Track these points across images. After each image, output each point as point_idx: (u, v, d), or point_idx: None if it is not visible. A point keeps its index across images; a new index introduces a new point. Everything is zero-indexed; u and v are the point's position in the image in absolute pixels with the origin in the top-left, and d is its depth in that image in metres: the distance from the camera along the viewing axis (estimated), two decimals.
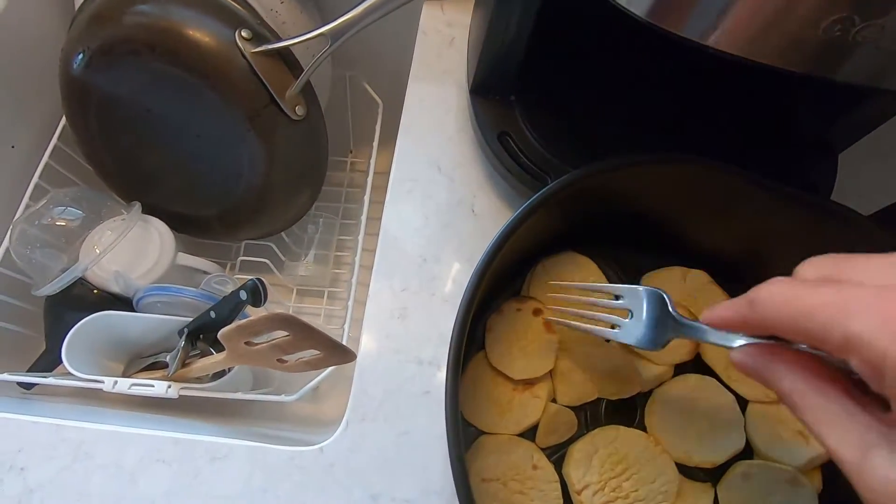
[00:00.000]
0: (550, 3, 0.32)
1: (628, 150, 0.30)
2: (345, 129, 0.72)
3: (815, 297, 0.16)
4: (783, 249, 0.33)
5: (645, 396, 0.33)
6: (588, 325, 0.28)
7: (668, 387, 0.33)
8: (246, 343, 0.38)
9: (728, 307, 0.19)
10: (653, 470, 0.31)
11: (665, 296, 0.25)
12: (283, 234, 0.65)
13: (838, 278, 0.17)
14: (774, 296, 0.17)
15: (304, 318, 0.38)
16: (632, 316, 0.26)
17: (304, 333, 0.35)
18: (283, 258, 0.65)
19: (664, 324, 0.24)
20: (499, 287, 0.35)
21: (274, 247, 0.64)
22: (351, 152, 0.76)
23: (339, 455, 0.33)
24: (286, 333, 0.36)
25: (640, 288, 0.26)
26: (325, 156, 0.58)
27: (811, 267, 0.18)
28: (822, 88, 0.41)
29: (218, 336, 0.38)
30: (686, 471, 0.32)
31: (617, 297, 0.27)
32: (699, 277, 0.36)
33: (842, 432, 0.16)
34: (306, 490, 0.32)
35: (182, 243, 0.61)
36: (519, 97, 0.40)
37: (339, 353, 0.36)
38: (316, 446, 0.33)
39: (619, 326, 0.26)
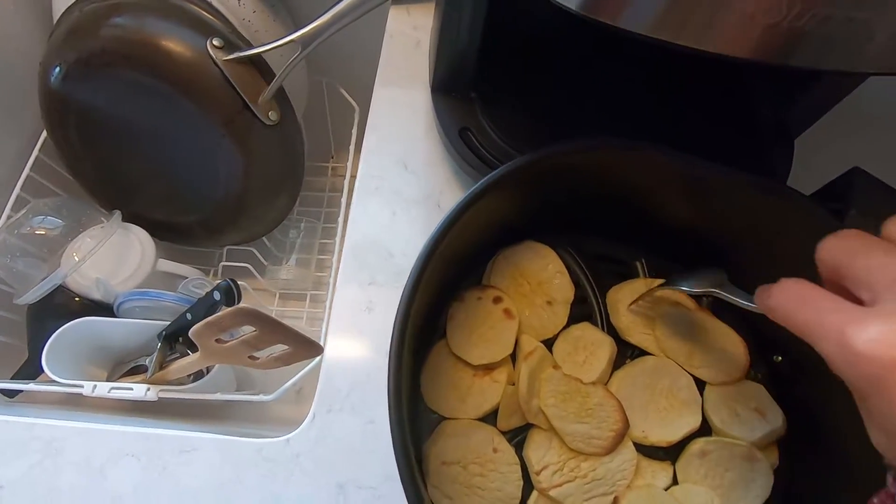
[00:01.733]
0: (499, 1, 0.34)
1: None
2: (325, 135, 0.74)
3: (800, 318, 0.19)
4: (738, 231, 0.34)
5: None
6: None
7: (627, 368, 0.34)
8: (217, 341, 0.39)
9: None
10: None
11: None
12: (264, 239, 0.66)
13: None
14: (777, 310, 0.20)
15: (286, 321, 0.39)
16: None
17: (269, 328, 0.35)
18: (265, 262, 0.66)
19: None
20: (460, 277, 0.36)
21: (256, 252, 0.64)
22: (332, 157, 0.78)
23: (306, 445, 0.33)
24: (254, 329, 0.37)
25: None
26: (302, 159, 0.59)
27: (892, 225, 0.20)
28: (777, 74, 0.42)
29: (189, 334, 0.38)
30: (644, 450, 0.32)
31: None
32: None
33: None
34: (273, 480, 0.32)
35: (165, 250, 0.62)
36: (479, 94, 0.41)
37: (307, 347, 0.37)
38: (282, 437, 0.34)
39: None
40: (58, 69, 0.51)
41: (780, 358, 0.35)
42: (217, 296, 0.45)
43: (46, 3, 0.56)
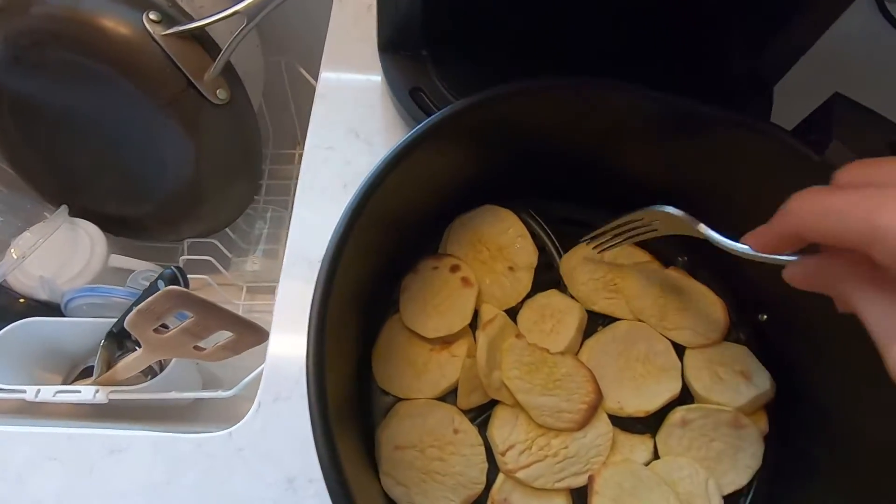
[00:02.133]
0: None
1: None
2: (289, 120, 0.70)
3: (844, 199, 0.17)
4: (713, 179, 0.31)
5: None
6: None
7: (598, 336, 0.31)
8: (156, 331, 0.36)
9: (766, 229, 0.20)
10: None
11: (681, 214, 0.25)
12: (228, 230, 0.63)
13: (869, 181, 0.18)
14: (806, 202, 0.18)
15: (254, 316, 0.35)
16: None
17: (206, 312, 0.32)
18: (229, 255, 0.63)
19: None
20: (416, 249, 0.33)
21: (218, 244, 0.61)
22: (299, 143, 0.74)
23: (250, 438, 0.30)
24: (192, 315, 0.34)
25: (656, 208, 0.27)
26: (258, 141, 0.56)
27: (845, 173, 0.19)
28: (749, 17, 0.39)
29: (124, 325, 0.35)
30: (621, 422, 0.29)
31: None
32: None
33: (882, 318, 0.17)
34: (213, 478, 0.29)
35: (123, 247, 0.59)
36: (431, 51, 0.38)
37: (251, 333, 0.34)
38: (224, 431, 0.30)
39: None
40: None
41: (765, 317, 0.32)
42: (162, 285, 0.41)
43: None
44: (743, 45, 0.40)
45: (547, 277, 0.33)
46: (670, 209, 0.26)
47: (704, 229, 0.24)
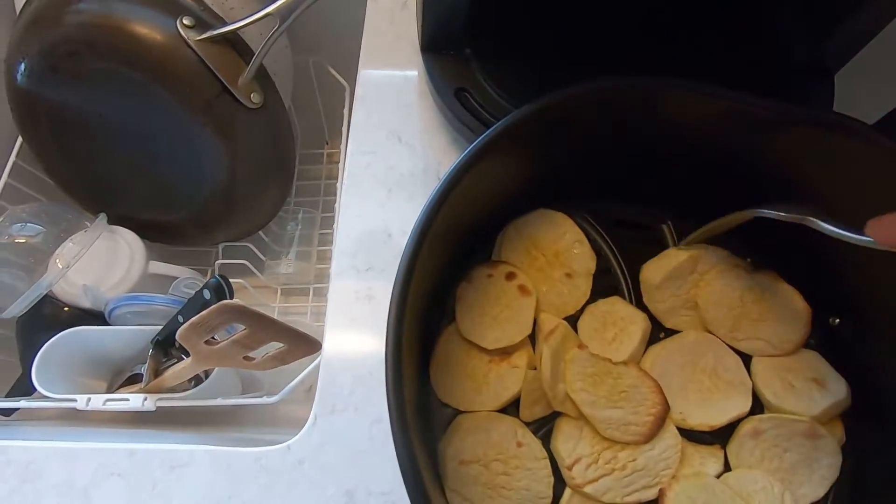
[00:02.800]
0: None
1: None
2: (317, 120, 0.70)
3: None
4: (788, 175, 0.29)
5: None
6: None
7: (663, 344, 0.30)
8: (208, 343, 0.36)
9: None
10: None
11: None
12: (261, 233, 0.63)
13: None
14: None
15: (289, 319, 0.35)
16: None
17: (259, 324, 0.32)
18: (263, 258, 0.63)
19: None
20: (467, 254, 0.32)
21: (252, 247, 0.61)
22: (327, 143, 0.74)
23: (309, 451, 0.30)
24: (244, 327, 0.33)
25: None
26: (291, 144, 0.55)
27: None
28: (809, 5, 0.37)
29: (176, 338, 0.35)
30: (690, 434, 0.28)
31: None
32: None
33: None
34: (274, 492, 0.29)
35: (158, 252, 0.59)
36: (475, 49, 0.37)
37: (304, 344, 0.34)
38: (283, 444, 0.30)
39: None
40: (22, 65, 0.47)
41: (837, 320, 0.30)
42: (207, 294, 0.41)
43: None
44: (802, 36, 0.38)
45: (604, 283, 0.32)
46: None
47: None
